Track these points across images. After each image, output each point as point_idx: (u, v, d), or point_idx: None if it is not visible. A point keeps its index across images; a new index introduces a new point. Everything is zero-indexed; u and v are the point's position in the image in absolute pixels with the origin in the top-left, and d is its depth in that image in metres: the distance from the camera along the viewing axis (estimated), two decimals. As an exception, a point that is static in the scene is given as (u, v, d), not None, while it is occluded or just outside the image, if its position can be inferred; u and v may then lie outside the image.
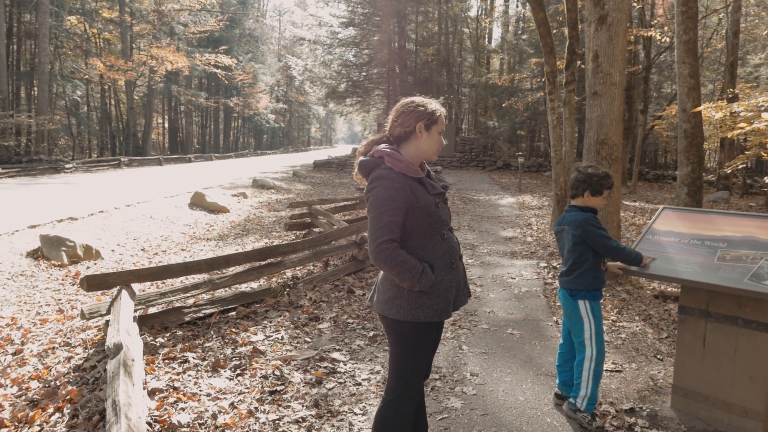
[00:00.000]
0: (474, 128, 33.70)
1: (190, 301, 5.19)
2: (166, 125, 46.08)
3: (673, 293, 5.75)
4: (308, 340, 4.49)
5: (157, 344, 4.26)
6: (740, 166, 13.05)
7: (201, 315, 4.92)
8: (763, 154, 9.30)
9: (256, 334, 4.57)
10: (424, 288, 2.14)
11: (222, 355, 4.08)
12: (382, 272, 2.31)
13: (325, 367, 3.90)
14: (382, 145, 2.29)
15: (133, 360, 3.24)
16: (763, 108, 9.08)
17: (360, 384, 3.67)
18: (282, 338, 4.49)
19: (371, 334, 4.58)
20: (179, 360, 3.99)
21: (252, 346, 4.22)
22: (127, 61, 30.45)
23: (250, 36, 51.23)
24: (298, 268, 7.02)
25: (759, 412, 2.97)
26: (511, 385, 3.65)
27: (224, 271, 5.96)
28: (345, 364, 3.98)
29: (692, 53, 9.10)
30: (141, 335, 4.36)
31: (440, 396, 3.50)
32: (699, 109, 8.04)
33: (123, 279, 4.46)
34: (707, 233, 3.27)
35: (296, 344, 4.39)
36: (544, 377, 3.80)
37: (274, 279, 6.51)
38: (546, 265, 7.27)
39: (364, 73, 36.54)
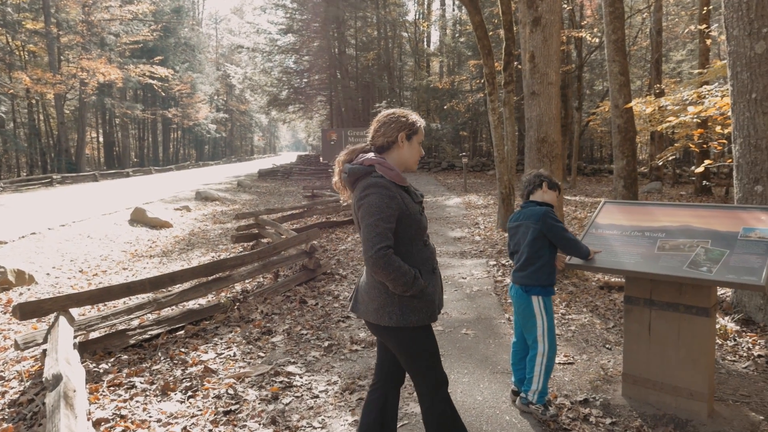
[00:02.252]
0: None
1: (135, 323, 4.97)
2: (101, 139, 44.35)
3: (617, 284, 5.96)
4: (262, 354, 4.38)
5: (101, 371, 4.05)
6: (670, 158, 13.72)
7: (147, 336, 4.72)
8: (691, 146, 9.81)
9: (206, 352, 4.42)
10: (415, 293, 2.20)
11: (171, 378, 3.92)
12: (364, 280, 2.35)
13: (281, 382, 3.81)
14: (370, 154, 2.32)
15: (74, 390, 3.06)
16: (687, 102, 9.57)
17: (317, 396, 3.60)
18: (234, 355, 4.36)
19: (326, 344, 4.52)
20: (126, 386, 3.80)
21: (203, 366, 4.08)
22: (55, 74, 29.06)
23: (186, 45, 49.99)
24: (248, 281, 6.87)
25: (703, 393, 3.10)
26: (468, 386, 3.68)
27: (170, 289, 5.74)
28: (301, 377, 3.90)
29: (621, 51, 9.50)
30: (83, 362, 4.14)
31: (399, 402, 3.47)
32: (631, 104, 8.39)
33: (60, 304, 4.22)
34: (647, 224, 3.39)
35: (249, 360, 4.28)
36: (500, 375, 3.84)
37: (223, 294, 6.34)
38: (495, 263, 7.40)
39: (305, 80, 36.35)
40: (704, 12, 14.00)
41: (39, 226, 10.66)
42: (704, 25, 14.05)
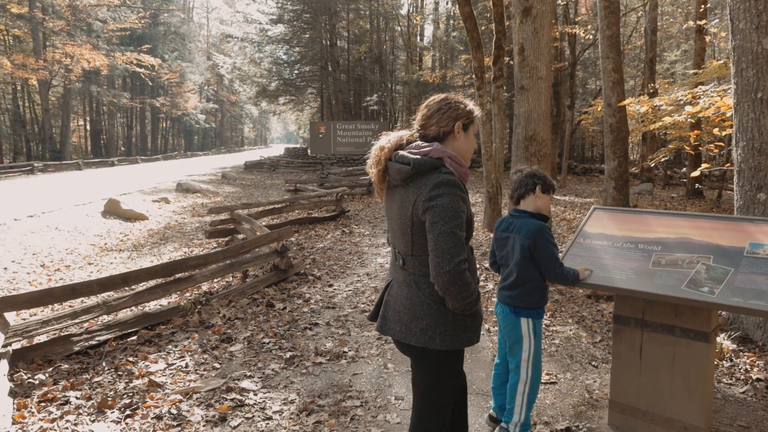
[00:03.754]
0: (408, 126, 33.58)
1: (84, 326, 4.57)
2: (88, 127, 43.52)
3: (605, 292, 5.61)
4: (217, 366, 3.99)
5: (36, 382, 3.65)
6: (663, 159, 13.43)
7: (94, 343, 4.32)
8: (686, 147, 9.50)
9: (156, 362, 4.03)
10: (473, 311, 1.96)
11: (112, 392, 3.53)
12: (399, 293, 2.02)
13: (233, 399, 3.42)
14: (435, 144, 1.97)
15: (-18, 414, 2.66)
16: (681, 102, 9.25)
17: (270, 418, 3.22)
18: (186, 366, 3.97)
19: (288, 355, 4.13)
20: (59, 401, 3.41)
21: (149, 379, 3.68)
22: (38, 59, 28.32)
23: (175, 33, 49.19)
24: (216, 280, 6.47)
25: (699, 428, 2.75)
26: (439, 409, 3.31)
27: (126, 290, 5.33)
28: (256, 394, 3.52)
29: (615, 48, 9.14)
30: (15, 373, 3.74)
31: (360, 427, 3.11)
32: (624, 103, 8.05)
33: (-9, 308, 3.81)
34: (640, 235, 3.03)
35: (203, 372, 3.89)
36: (474, 396, 3.48)
37: (187, 294, 5.95)
38: (478, 266, 7.05)
39: (296, 71, 35.75)
40: (701, 10, 13.69)
41: (5, 217, 10.17)
42: (704, 21, 13.73)
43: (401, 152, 1.97)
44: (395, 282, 2.08)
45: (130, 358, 4.08)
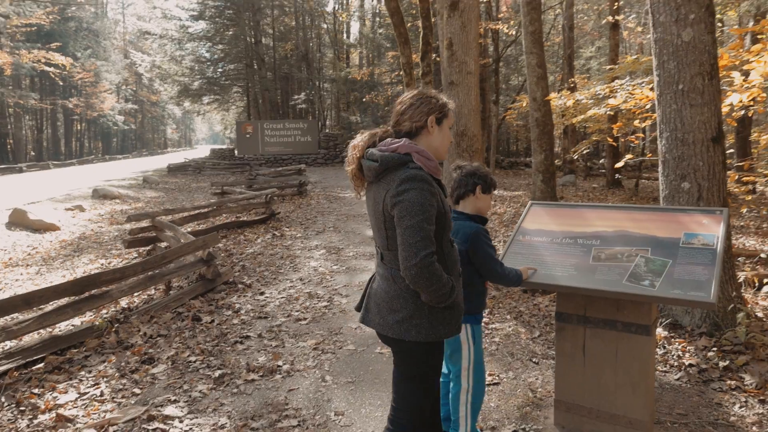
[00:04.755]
0: (337, 124, 33.34)
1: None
2: (-9, 132, 40.24)
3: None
4: (137, 391, 3.63)
5: None
6: (585, 151, 13.92)
7: (-7, 374, 3.84)
8: (609, 139, 9.83)
9: (66, 392, 3.61)
10: (448, 303, 1.98)
11: None
12: (380, 287, 2.07)
13: (155, 430, 3.10)
14: (404, 140, 2.02)
15: None
16: (600, 96, 9.56)
17: (198, 447, 2.94)
18: (101, 394, 3.58)
19: (217, 373, 3.83)
20: (-52, 447, 2.97)
21: (56, 413, 3.29)
22: (-74, 57, 25.86)
23: (88, 30, 46.37)
24: (136, 294, 6.01)
25: (644, 422, 2.73)
26: (382, 422, 3.14)
27: (32, 311, 4.81)
28: (181, 421, 3.21)
29: (539, 44, 9.32)
30: None
31: None
32: (551, 97, 8.20)
33: None
34: (579, 230, 2.98)
35: (120, 399, 3.52)
36: (418, 404, 3.33)
37: (104, 312, 5.47)
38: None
39: (220, 70, 34.61)
40: (615, 7, 14.27)
41: None
42: (621, 17, 14.32)
43: (371, 149, 2.03)
44: (377, 275, 2.15)
45: (35, 390, 3.64)
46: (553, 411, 3.04)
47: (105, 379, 3.79)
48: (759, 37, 9.76)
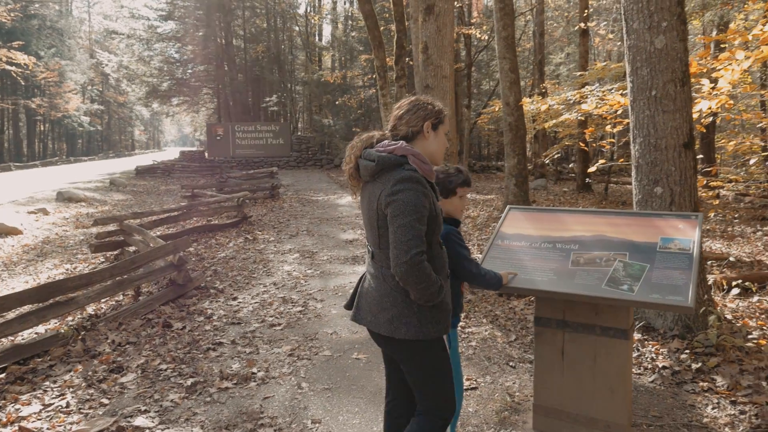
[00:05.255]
0: (310, 126, 33.14)
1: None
2: (-52, 132, 38.84)
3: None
4: (105, 401, 3.50)
5: None
6: (556, 156, 14.11)
7: (-49, 385, 3.66)
8: (581, 144, 9.97)
9: (30, 404, 3.46)
10: (437, 303, 2.04)
11: (-28, 446, 2.97)
12: (371, 286, 2.13)
13: (124, 441, 2.99)
14: (401, 142, 2.08)
15: None
16: (571, 101, 9.71)
17: (170, 459, 2.84)
18: (67, 405, 3.44)
19: (189, 382, 3.72)
20: None
21: (19, 426, 3.14)
22: None
23: (52, 29, 45.11)
24: (103, 301, 5.82)
25: (621, 425, 2.74)
26: (360, 429, 3.09)
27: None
28: (152, 432, 3.11)
29: (511, 49, 9.41)
30: None
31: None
32: (524, 101, 8.27)
33: None
34: (558, 234, 2.99)
35: (88, 410, 3.39)
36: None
37: (69, 319, 5.29)
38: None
39: (189, 71, 34.06)
40: (585, 14, 14.54)
41: None
42: (593, 23, 14.58)
43: (369, 150, 2.09)
44: (367, 274, 2.19)
45: (-3, 401, 3.48)
46: (532, 415, 3.04)
47: (71, 390, 3.65)
48: (722, 45, 10.05)
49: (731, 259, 5.88)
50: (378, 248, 2.08)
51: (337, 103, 27.62)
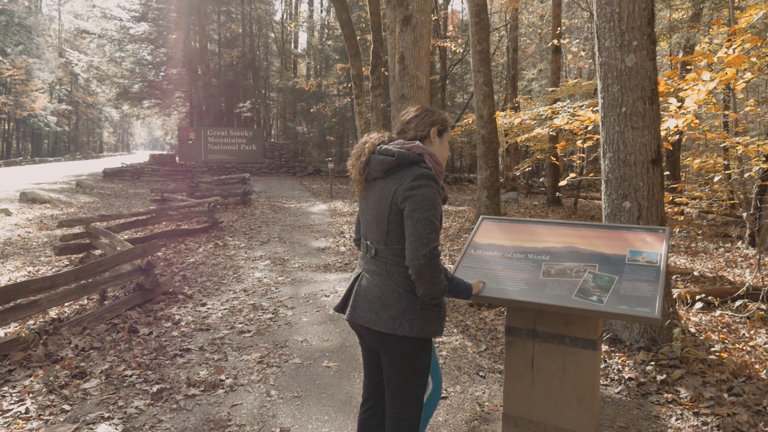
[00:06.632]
0: (283, 134, 32.99)
1: None
2: None
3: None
4: (67, 408, 3.39)
5: None
6: (527, 169, 14.32)
7: None
8: (553, 159, 10.14)
9: (-15, 410, 3.33)
10: (439, 300, 2.11)
11: None
12: (371, 282, 2.14)
13: (85, 450, 2.90)
14: (418, 143, 2.15)
15: None
16: (543, 116, 9.88)
17: (133, 468, 2.76)
18: (27, 411, 3.33)
19: (155, 388, 3.63)
20: None
21: (-27, 433, 3.02)
22: None
23: (20, 25, 44.08)
24: (67, 304, 5.66)
25: (589, 435, 2.77)
26: (329, 438, 3.06)
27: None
28: (114, 440, 3.02)
29: (486, 63, 9.55)
30: None
31: None
32: (499, 114, 8.38)
33: None
34: (529, 245, 3.03)
35: (48, 417, 3.28)
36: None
37: (31, 322, 5.12)
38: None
39: (162, 73, 33.57)
40: (557, 32, 14.85)
41: None
42: (566, 41, 14.90)
43: (386, 146, 2.12)
44: (365, 273, 2.20)
45: (-50, 408, 3.34)
46: (501, 425, 3.05)
47: (31, 395, 3.52)
48: (688, 67, 10.38)
49: (695, 273, 6.04)
50: (384, 244, 2.11)
51: (311, 111, 27.58)
